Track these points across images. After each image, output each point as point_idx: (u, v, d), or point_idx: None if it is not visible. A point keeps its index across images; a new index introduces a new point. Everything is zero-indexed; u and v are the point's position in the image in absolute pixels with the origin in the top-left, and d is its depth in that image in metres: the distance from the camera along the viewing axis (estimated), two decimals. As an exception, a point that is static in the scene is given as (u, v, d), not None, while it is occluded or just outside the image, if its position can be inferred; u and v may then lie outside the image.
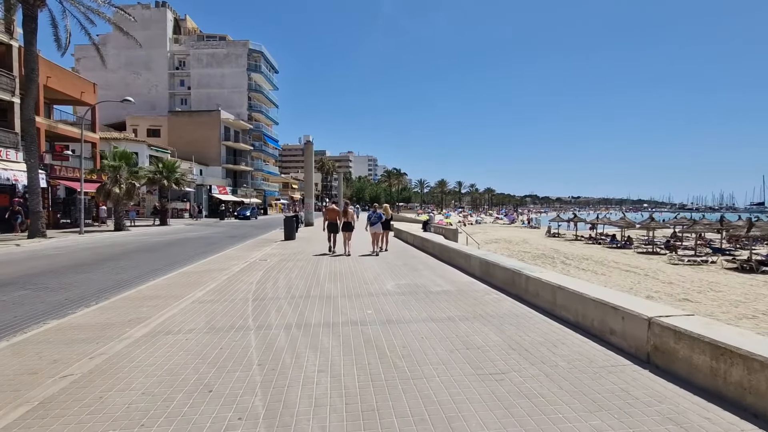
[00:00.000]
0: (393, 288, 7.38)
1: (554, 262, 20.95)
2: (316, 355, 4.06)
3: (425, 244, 13.21)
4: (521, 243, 33.05)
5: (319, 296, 6.75)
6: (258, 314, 5.63)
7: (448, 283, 7.79)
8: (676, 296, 13.20)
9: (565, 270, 18.52)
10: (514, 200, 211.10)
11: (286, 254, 12.64)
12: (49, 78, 24.08)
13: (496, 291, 6.94)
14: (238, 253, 13.54)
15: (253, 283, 7.95)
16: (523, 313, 5.58)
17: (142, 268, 10.92)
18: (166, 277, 8.95)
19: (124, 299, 6.87)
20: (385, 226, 13.42)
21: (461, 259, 9.32)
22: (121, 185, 22.26)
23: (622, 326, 4.10)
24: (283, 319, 5.39)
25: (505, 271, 6.98)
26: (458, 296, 6.64)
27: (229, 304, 6.28)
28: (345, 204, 13.29)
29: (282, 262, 10.92)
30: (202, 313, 5.73)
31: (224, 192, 50.11)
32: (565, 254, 24.69)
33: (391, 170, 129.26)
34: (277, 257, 11.90)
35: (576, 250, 27.81)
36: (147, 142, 40.49)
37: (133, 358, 4.03)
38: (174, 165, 28.71)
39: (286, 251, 13.49)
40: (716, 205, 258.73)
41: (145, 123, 52.24)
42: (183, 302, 6.45)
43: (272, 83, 64.29)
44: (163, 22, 57.00)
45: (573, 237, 37.95)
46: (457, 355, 4.02)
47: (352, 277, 8.47)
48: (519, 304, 6.02)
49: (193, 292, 7.22)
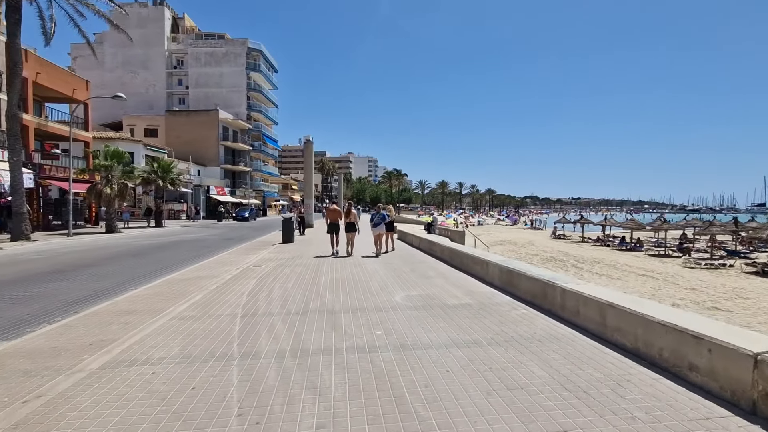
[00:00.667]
0: (403, 300, 6.46)
1: (565, 266, 20.03)
2: (314, 400, 3.13)
3: (433, 247, 12.29)
4: (527, 245, 32.13)
5: (318, 311, 5.83)
6: (245, 336, 4.71)
7: (466, 294, 6.86)
8: (702, 304, 12.28)
9: (579, 274, 17.60)
10: (514, 201, 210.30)
11: (283, 259, 11.72)
12: (39, 74, 23.21)
13: (523, 305, 6.02)
14: (232, 257, 12.62)
15: (244, 294, 7.03)
16: (564, 335, 4.65)
17: (125, 274, 10.00)
18: (149, 287, 8.03)
19: (93, 314, 5.96)
20: (389, 228, 13.31)
21: (477, 266, 8.40)
22: (112, 185, 21.35)
23: (709, 361, 3.18)
24: (275, 343, 4.47)
25: (533, 282, 6.07)
26: (480, 312, 5.72)
27: (213, 321, 5.36)
28: (348, 205, 12.91)
29: (279, 268, 10.00)
30: (179, 335, 4.81)
31: (222, 193, 49.23)
32: (575, 257, 23.77)
33: (391, 171, 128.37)
34: (273, 262, 10.99)
35: (585, 252, 26.89)
36: (143, 142, 39.64)
37: (77, 405, 3.11)
38: (170, 165, 27.81)
39: (283, 255, 12.57)
40: (717, 206, 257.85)
41: (143, 123, 51.37)
42: (160, 318, 5.54)
43: (272, 83, 63.44)
44: (161, 21, 56.17)
45: (579, 239, 37.02)
46: (497, 400, 3.10)
47: (355, 287, 7.55)
48: (555, 323, 5.09)
49: (174, 305, 6.31)
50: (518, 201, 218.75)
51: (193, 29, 61.37)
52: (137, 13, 56.37)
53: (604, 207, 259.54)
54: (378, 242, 12.37)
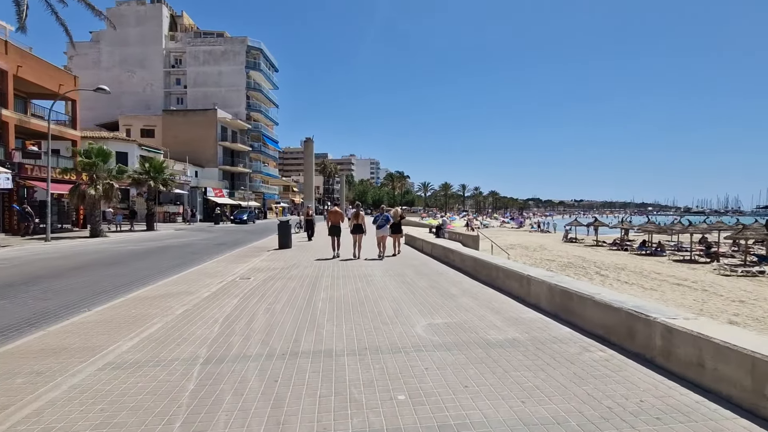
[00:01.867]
0: (427, 333, 4.82)
1: (588, 273, 18.33)
2: None
3: (449, 255, 10.65)
4: (539, 249, 30.41)
5: (312, 353, 4.20)
6: (198, 405, 3.09)
7: (508, 323, 5.22)
8: (762, 320, 10.60)
9: (605, 282, 15.93)
10: (516, 204, 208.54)
11: (276, 268, 10.11)
12: (20, 67, 21.77)
13: (597, 343, 4.36)
14: (219, 266, 11.02)
15: (218, 321, 5.41)
16: (695, 407, 2.99)
17: (85, 289, 8.38)
18: (102, 309, 6.42)
19: (1, 356, 4.35)
20: (396, 230, 13.05)
21: (513, 282, 6.76)
22: (97, 186, 19.79)
23: None
24: (240, 422, 2.84)
25: (607, 311, 4.42)
26: (539, 354, 4.08)
27: (161, 372, 3.74)
28: (356, 206, 12.70)
29: (269, 281, 8.38)
30: (100, 400, 3.19)
31: (221, 195, 47.70)
32: (595, 263, 22.07)
33: (393, 173, 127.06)
34: (264, 273, 9.37)
35: (603, 257, 25.17)
36: (138, 142, 38.15)
37: None
38: (162, 164, 26.27)
39: (277, 264, 10.96)
40: (722, 209, 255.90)
41: (139, 123, 49.97)
42: (89, 366, 3.92)
43: (272, 82, 61.96)
44: (159, 18, 54.80)
45: (593, 242, 35.27)
46: None
47: (362, 310, 5.92)
48: (663, 380, 3.43)
49: (119, 340, 4.69)
50: (520, 203, 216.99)
51: (192, 27, 60.00)
52: (135, 11, 55.17)
53: (607, 209, 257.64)
54: (382, 244, 12.17)
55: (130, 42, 55.15)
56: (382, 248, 12.12)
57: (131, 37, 55.12)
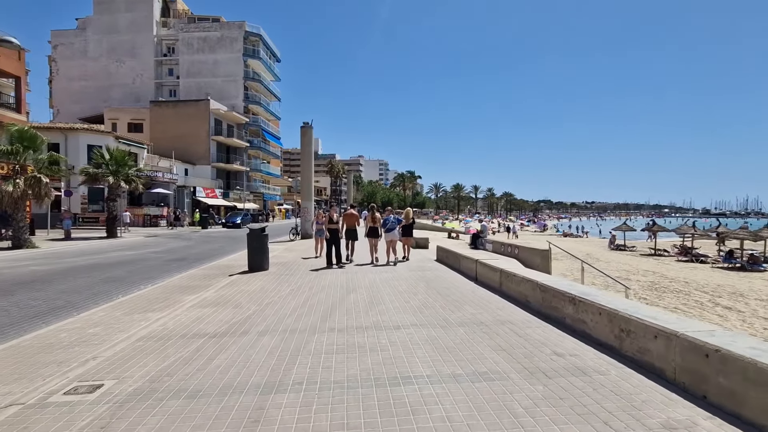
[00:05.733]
0: None
1: (702, 306, 12.66)
2: None
3: (519, 288, 5.18)
4: (590, 260, 24.74)
5: None
6: None
7: None
8: None
9: (752, 329, 10.33)
10: (528, 205, 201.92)
11: (219, 321, 4.74)
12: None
13: None
14: (117, 313, 5.69)
15: None
16: None
17: None
18: None
19: None
20: (406, 233, 12.19)
21: None
22: (16, 180, 14.69)
23: None
24: None
25: None
26: None
27: None
28: (371, 208, 11.85)
29: (189, 360, 3.02)
30: None
31: (213, 195, 42.70)
32: (687, 282, 16.43)
33: (404, 173, 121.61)
34: (155, 360, 4.02)
35: (686, 273, 19.48)
36: (114, 134, 33.22)
37: None
38: (124, 157, 21.18)
39: (221, 314, 5.60)
40: (742, 210, 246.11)
41: (126, 116, 45.26)
42: None
43: (273, 72, 56.88)
44: (149, 3, 50.21)
45: (650, 251, 29.48)
46: None
47: None
48: None
49: None
50: (532, 205, 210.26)
51: (186, 13, 55.34)
52: (124, -5, 50.63)
53: (622, 211, 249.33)
54: (391, 249, 11.46)
55: (119, 29, 50.70)
56: (392, 254, 11.49)
57: (120, 23, 50.66)
